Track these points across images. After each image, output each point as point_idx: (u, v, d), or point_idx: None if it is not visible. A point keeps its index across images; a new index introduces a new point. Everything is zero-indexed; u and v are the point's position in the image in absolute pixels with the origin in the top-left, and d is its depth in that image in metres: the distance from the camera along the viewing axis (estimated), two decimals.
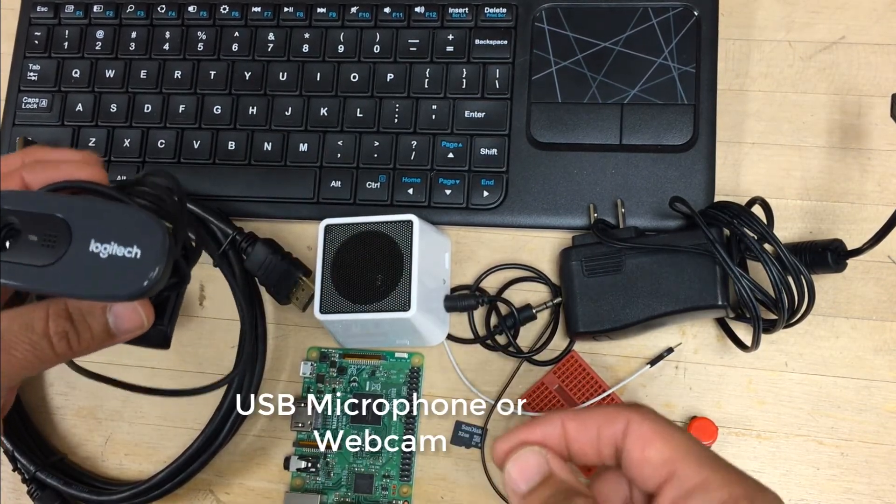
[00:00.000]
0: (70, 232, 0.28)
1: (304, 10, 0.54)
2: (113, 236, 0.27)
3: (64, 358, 0.30)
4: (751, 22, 0.52)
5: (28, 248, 0.28)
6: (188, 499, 0.50)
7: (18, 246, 0.28)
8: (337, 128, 0.52)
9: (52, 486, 0.48)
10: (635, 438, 0.26)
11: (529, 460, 0.27)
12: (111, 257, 0.27)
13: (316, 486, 0.48)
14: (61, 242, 0.28)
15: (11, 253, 0.28)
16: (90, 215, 0.28)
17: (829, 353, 0.47)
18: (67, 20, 0.57)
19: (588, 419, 0.28)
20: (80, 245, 0.27)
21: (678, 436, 0.26)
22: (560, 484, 0.27)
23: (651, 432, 0.26)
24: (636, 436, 0.26)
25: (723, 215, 0.44)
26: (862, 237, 0.44)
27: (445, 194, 0.51)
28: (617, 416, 0.27)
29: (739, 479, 0.25)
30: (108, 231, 0.28)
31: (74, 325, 0.29)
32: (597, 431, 0.27)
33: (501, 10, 0.52)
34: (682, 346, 0.48)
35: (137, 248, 0.27)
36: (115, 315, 0.30)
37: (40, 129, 0.55)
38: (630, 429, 0.27)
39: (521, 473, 0.27)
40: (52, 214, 0.28)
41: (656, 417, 0.27)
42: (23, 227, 0.28)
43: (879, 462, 0.46)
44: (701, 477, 0.25)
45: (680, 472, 0.25)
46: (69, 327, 0.29)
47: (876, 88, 0.50)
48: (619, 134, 0.50)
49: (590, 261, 0.47)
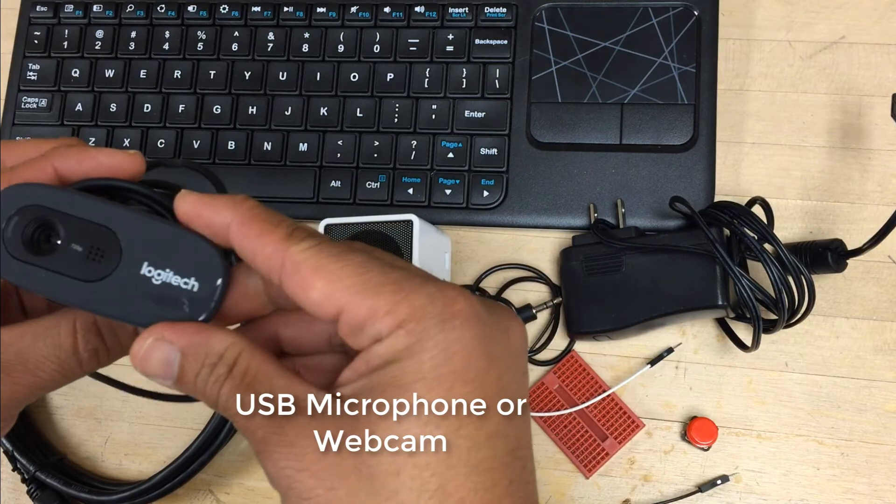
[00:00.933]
0: (120, 248, 0.25)
1: (304, 9, 0.54)
2: (169, 263, 0.25)
3: (89, 372, 0.28)
4: (751, 22, 0.52)
5: (70, 259, 0.25)
6: (188, 499, 0.50)
7: (60, 254, 0.25)
8: (337, 127, 0.52)
9: (52, 486, 0.48)
10: (294, 282, 0.24)
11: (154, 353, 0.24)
12: (165, 284, 0.25)
13: None
14: (110, 258, 0.25)
15: (52, 260, 0.25)
16: (145, 234, 0.25)
17: (829, 353, 0.47)
18: (67, 20, 0.56)
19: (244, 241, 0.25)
20: (131, 265, 0.25)
21: (340, 265, 0.23)
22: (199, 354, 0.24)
23: (310, 271, 0.23)
24: (294, 279, 0.24)
25: (723, 215, 0.44)
26: (862, 237, 0.44)
27: (445, 194, 0.51)
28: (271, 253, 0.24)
29: (407, 299, 0.23)
30: (165, 256, 0.25)
31: (104, 340, 0.27)
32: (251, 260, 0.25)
33: (501, 9, 0.52)
34: (683, 346, 0.48)
35: (195, 282, 0.25)
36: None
37: (40, 128, 0.55)
38: (286, 270, 0.24)
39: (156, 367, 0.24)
40: (103, 225, 0.25)
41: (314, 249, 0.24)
42: (66, 233, 0.25)
43: (879, 462, 0.46)
44: (367, 306, 0.23)
45: (346, 306, 0.23)
46: (99, 343, 0.27)
47: (876, 88, 0.50)
48: (619, 134, 0.50)
49: (590, 261, 0.47)
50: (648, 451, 0.47)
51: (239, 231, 0.24)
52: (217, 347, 0.25)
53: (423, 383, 0.23)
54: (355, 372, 0.24)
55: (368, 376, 0.23)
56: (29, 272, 0.25)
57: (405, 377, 0.23)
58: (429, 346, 0.23)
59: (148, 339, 0.25)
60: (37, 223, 0.25)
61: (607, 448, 0.46)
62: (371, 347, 0.23)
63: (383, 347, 0.23)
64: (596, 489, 0.47)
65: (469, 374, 0.23)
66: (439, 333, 0.23)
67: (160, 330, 0.25)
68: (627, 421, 0.47)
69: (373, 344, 0.23)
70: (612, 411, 0.47)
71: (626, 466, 0.47)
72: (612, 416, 0.47)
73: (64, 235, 0.25)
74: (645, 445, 0.47)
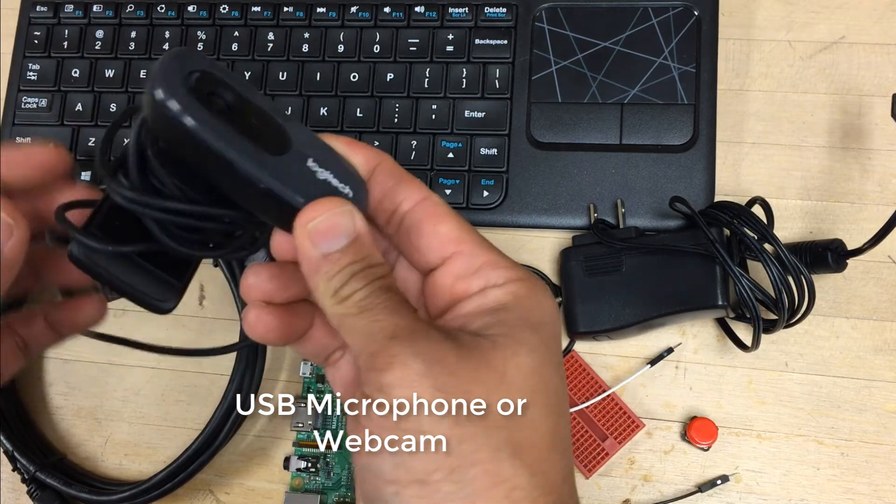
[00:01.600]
0: (289, 139, 0.26)
1: (304, 9, 0.54)
2: (329, 167, 0.26)
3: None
4: (751, 22, 0.52)
5: (249, 129, 0.25)
6: (188, 499, 0.50)
7: (239, 122, 0.25)
8: (337, 127, 0.52)
9: (52, 486, 0.48)
10: (428, 214, 0.27)
11: (339, 219, 0.25)
12: (326, 182, 0.26)
13: (316, 487, 0.48)
14: (281, 143, 0.25)
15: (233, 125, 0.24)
16: (307, 137, 0.26)
17: (829, 353, 0.47)
18: (67, 20, 0.56)
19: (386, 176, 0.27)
20: (299, 155, 0.26)
21: (465, 222, 0.27)
22: (368, 249, 0.25)
23: (445, 212, 0.27)
24: (429, 212, 0.27)
25: (723, 215, 0.44)
26: (862, 237, 0.44)
27: (445, 194, 0.51)
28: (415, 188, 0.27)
29: (519, 265, 0.27)
30: (325, 161, 0.26)
31: None
32: (385, 191, 0.27)
33: (501, 9, 0.52)
34: (682, 346, 0.48)
35: (349, 190, 0.26)
36: None
37: (40, 128, 0.55)
38: (423, 204, 0.27)
39: (329, 232, 0.25)
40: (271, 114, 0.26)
41: (446, 203, 0.28)
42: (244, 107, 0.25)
43: (879, 462, 0.46)
44: (487, 256, 0.26)
45: (467, 251, 0.26)
46: None
47: (876, 88, 0.50)
48: (619, 134, 0.50)
49: (590, 261, 0.47)
50: (648, 451, 0.47)
51: (390, 167, 0.27)
52: (378, 253, 0.26)
53: (548, 326, 0.26)
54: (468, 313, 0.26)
55: (490, 315, 0.25)
56: (215, 126, 0.24)
57: (532, 316, 0.26)
58: (547, 304, 0.26)
59: (344, 205, 0.25)
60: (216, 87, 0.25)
61: (607, 448, 0.46)
62: (485, 291, 0.26)
63: (502, 292, 0.26)
64: (596, 489, 0.47)
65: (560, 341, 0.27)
66: (550, 299, 0.27)
67: (352, 205, 0.25)
68: (627, 421, 0.47)
69: (486, 289, 0.26)
70: (612, 411, 0.47)
71: (626, 466, 0.47)
72: (612, 416, 0.47)
73: (241, 108, 0.25)
74: (645, 445, 0.47)
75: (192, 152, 0.24)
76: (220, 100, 0.25)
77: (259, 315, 0.27)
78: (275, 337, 0.28)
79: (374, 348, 0.24)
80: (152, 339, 0.52)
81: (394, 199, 0.27)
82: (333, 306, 0.25)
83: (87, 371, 0.52)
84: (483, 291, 0.26)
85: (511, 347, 0.24)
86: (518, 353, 0.24)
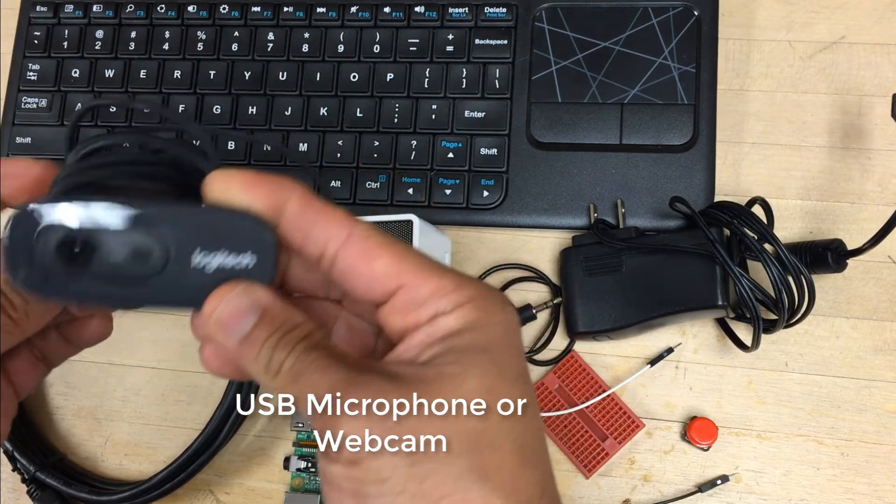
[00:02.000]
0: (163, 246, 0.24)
1: (304, 9, 0.54)
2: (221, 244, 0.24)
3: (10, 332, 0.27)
4: (751, 22, 0.52)
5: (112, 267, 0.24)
6: (188, 499, 0.50)
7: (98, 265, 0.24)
8: (337, 127, 0.52)
9: (52, 486, 0.48)
10: (358, 252, 0.25)
11: (238, 302, 0.24)
12: (219, 269, 0.24)
13: (316, 486, 0.48)
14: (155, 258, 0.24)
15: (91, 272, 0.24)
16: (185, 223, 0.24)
17: (829, 353, 0.47)
18: (67, 20, 0.56)
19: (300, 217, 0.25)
20: (179, 260, 0.24)
21: (402, 248, 0.25)
22: (279, 317, 0.24)
23: (375, 245, 0.25)
24: (359, 249, 0.25)
25: (723, 215, 0.44)
26: (862, 237, 0.44)
27: (445, 194, 0.51)
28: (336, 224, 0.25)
29: (469, 282, 0.25)
30: (214, 240, 0.24)
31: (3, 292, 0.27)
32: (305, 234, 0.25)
33: (501, 9, 0.52)
34: (683, 346, 0.48)
35: (251, 256, 0.25)
36: None
37: (40, 128, 0.55)
38: (350, 241, 0.25)
39: (233, 318, 0.24)
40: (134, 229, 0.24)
41: (376, 231, 0.25)
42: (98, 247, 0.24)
43: (880, 462, 0.46)
44: (432, 284, 0.25)
45: (410, 283, 0.25)
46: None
47: (876, 88, 0.50)
48: (619, 134, 0.50)
49: (590, 261, 0.47)
50: (648, 451, 0.47)
51: (301, 205, 0.25)
52: (295, 313, 0.25)
53: (499, 341, 0.25)
54: (418, 344, 0.25)
55: (439, 344, 0.25)
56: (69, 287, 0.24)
57: (482, 336, 0.25)
58: (497, 320, 0.25)
59: (237, 287, 0.24)
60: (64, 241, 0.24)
61: (607, 448, 0.46)
62: (434, 320, 0.25)
63: (452, 319, 0.25)
64: (596, 489, 0.47)
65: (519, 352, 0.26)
66: (502, 313, 0.25)
67: (246, 283, 0.24)
68: (627, 421, 0.47)
69: (435, 318, 0.25)
70: (612, 411, 0.47)
71: (626, 466, 0.47)
72: (612, 417, 0.47)
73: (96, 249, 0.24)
74: (645, 445, 0.47)
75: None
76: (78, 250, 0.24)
77: (214, 351, 0.26)
78: (229, 371, 0.27)
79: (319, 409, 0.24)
80: (153, 337, 0.52)
81: (317, 242, 0.25)
82: (270, 382, 0.25)
83: (87, 371, 0.52)
84: (432, 320, 0.25)
85: (458, 375, 0.24)
86: (466, 378, 0.24)
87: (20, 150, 0.54)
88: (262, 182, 0.25)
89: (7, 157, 0.55)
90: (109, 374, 0.52)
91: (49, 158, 0.53)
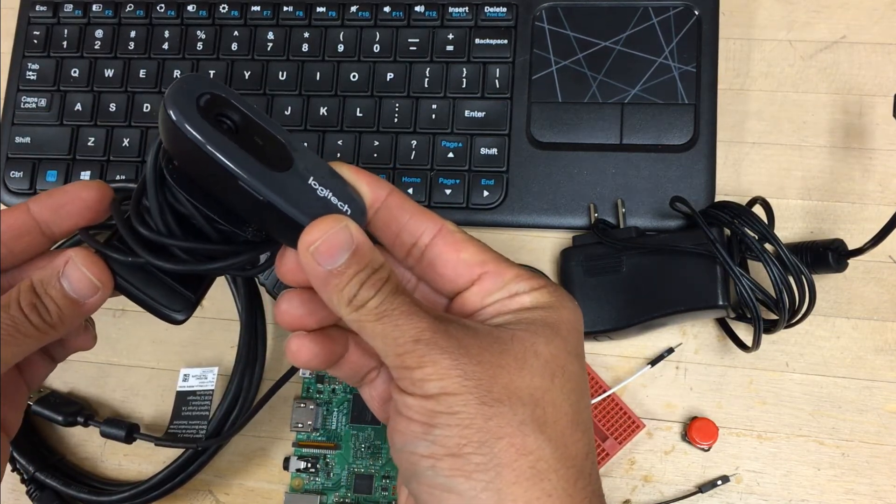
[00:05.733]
0: (291, 158, 0.27)
1: (304, 9, 0.54)
2: (330, 188, 0.27)
3: (45, 331, 0.29)
4: (751, 21, 0.52)
5: (253, 146, 0.26)
6: (188, 499, 0.50)
7: (243, 139, 0.26)
8: (337, 127, 0.52)
9: (52, 486, 0.48)
10: (448, 244, 0.29)
11: (338, 236, 0.26)
12: (326, 199, 0.27)
13: (315, 487, 0.48)
14: (284, 161, 0.27)
15: (239, 142, 0.26)
16: (309, 157, 0.28)
17: (829, 354, 0.47)
18: (66, 19, 0.56)
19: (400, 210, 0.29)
20: (301, 174, 0.27)
21: (483, 244, 0.30)
22: (366, 259, 0.27)
23: (462, 238, 0.29)
24: (449, 241, 0.29)
25: (723, 215, 0.43)
26: (863, 237, 0.44)
27: (445, 194, 0.50)
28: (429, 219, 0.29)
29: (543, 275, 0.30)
30: (326, 180, 0.28)
31: (39, 296, 0.29)
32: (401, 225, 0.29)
33: (501, 9, 0.52)
34: (683, 346, 0.48)
35: (349, 209, 0.28)
36: (68, 279, 0.29)
37: (39, 128, 0.55)
38: (442, 235, 0.29)
39: (330, 250, 0.26)
40: (275, 134, 0.27)
41: (461, 229, 0.30)
42: (248, 126, 0.27)
43: (880, 462, 0.46)
44: (513, 272, 0.29)
45: (493, 270, 0.29)
46: (35, 299, 0.29)
47: (877, 88, 0.50)
48: (620, 134, 0.50)
49: (590, 261, 0.47)
50: (649, 452, 0.47)
51: (399, 200, 0.29)
52: (379, 256, 0.27)
53: (566, 324, 0.28)
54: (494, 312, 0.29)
55: (513, 314, 0.28)
56: (221, 142, 0.26)
57: (550, 316, 0.28)
58: (566, 306, 0.29)
59: (338, 222, 0.26)
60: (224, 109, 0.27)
61: (607, 448, 0.46)
62: (514, 298, 0.29)
63: (527, 297, 0.29)
64: None
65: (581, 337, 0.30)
66: (570, 302, 0.29)
67: (347, 219, 0.27)
68: (628, 421, 0.47)
69: (514, 296, 0.29)
70: (613, 411, 0.47)
71: (627, 467, 0.47)
72: (612, 417, 0.47)
73: (247, 128, 0.27)
74: (645, 446, 0.47)
75: (202, 168, 0.26)
76: (227, 120, 0.27)
77: (301, 343, 0.29)
78: (317, 362, 0.30)
79: (402, 350, 0.26)
80: (152, 337, 0.52)
81: (412, 233, 0.29)
82: (351, 314, 0.27)
83: (86, 371, 0.52)
84: (509, 297, 0.29)
85: (529, 339, 0.27)
86: (536, 343, 0.27)
87: (20, 150, 0.54)
88: (368, 175, 0.29)
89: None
90: (109, 375, 0.52)
91: (48, 158, 0.54)
